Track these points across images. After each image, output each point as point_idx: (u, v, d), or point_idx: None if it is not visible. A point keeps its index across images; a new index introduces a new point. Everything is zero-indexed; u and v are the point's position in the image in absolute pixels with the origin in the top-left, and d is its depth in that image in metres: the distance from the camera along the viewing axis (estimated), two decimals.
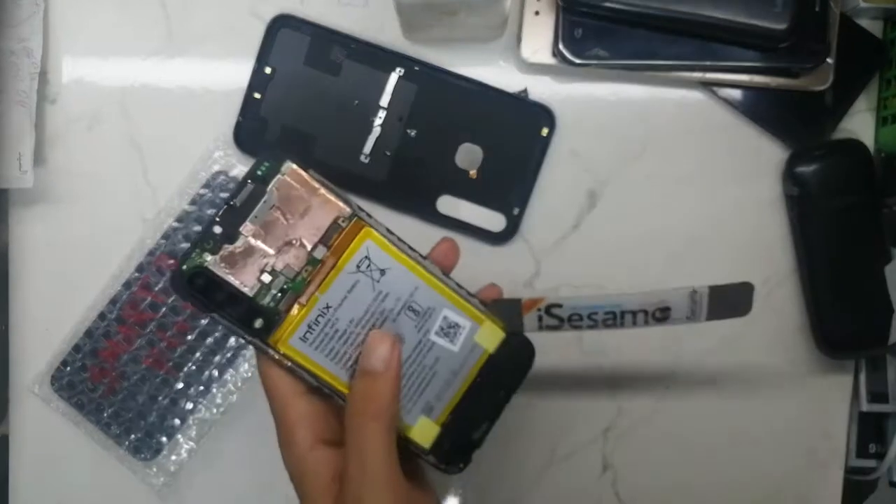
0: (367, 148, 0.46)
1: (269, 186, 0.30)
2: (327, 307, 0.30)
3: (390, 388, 0.30)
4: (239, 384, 0.48)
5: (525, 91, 0.47)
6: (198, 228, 0.47)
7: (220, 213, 0.30)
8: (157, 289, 0.47)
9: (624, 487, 0.49)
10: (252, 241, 0.30)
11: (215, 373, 0.47)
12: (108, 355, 0.47)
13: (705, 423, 0.49)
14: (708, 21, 0.42)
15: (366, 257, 0.31)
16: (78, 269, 0.48)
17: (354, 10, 0.47)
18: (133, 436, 0.47)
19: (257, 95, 0.46)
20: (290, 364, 0.30)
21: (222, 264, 0.30)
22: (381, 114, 0.46)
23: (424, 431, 0.32)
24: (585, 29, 0.44)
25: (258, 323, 0.30)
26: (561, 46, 0.44)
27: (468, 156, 0.46)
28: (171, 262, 0.47)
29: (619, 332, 0.47)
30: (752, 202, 0.48)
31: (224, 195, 0.30)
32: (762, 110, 0.47)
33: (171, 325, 0.47)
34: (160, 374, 0.47)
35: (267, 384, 0.31)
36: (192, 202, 0.47)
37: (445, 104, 0.46)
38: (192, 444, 0.48)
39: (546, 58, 0.45)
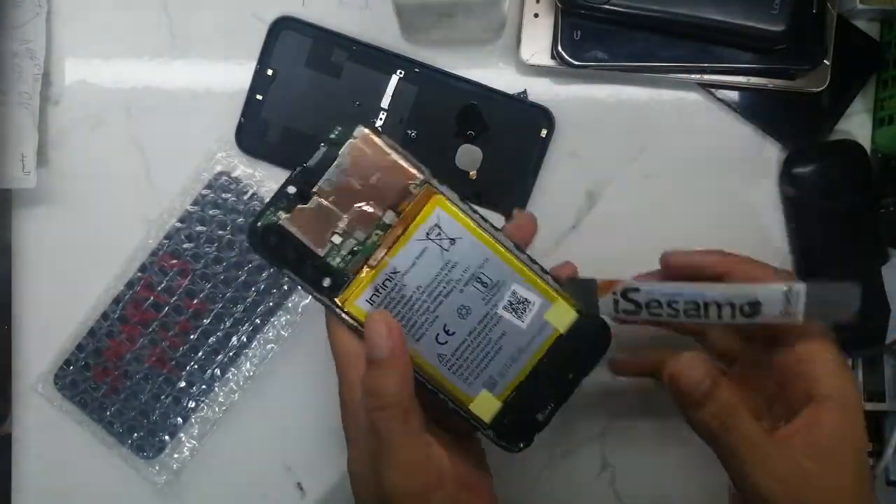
0: None
1: (342, 150, 0.30)
2: (395, 272, 0.31)
3: (398, 376, 0.29)
4: (241, 383, 0.48)
5: (524, 92, 0.47)
6: (200, 229, 0.47)
7: (295, 174, 0.30)
8: (159, 288, 0.47)
9: (623, 486, 0.49)
10: (324, 202, 0.30)
11: (218, 372, 0.48)
12: (111, 354, 0.47)
13: None
14: (706, 23, 0.42)
15: (436, 225, 0.31)
16: (81, 269, 0.48)
17: (355, 13, 0.47)
18: (136, 434, 0.48)
19: (259, 97, 0.47)
20: (355, 324, 0.31)
21: (295, 223, 0.30)
22: (382, 115, 0.47)
23: (485, 405, 0.31)
24: (584, 31, 0.44)
25: (326, 282, 0.31)
26: (560, 48, 0.44)
27: (468, 157, 0.47)
28: (175, 261, 0.47)
29: (619, 331, 0.48)
30: (749, 203, 0.48)
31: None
32: (759, 111, 0.47)
33: (174, 325, 0.47)
34: (163, 373, 0.48)
35: (333, 342, 0.32)
36: (195, 202, 0.47)
37: (445, 105, 0.47)
38: (195, 442, 0.48)
39: (545, 60, 0.46)
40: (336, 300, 0.31)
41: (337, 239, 0.30)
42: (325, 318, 0.32)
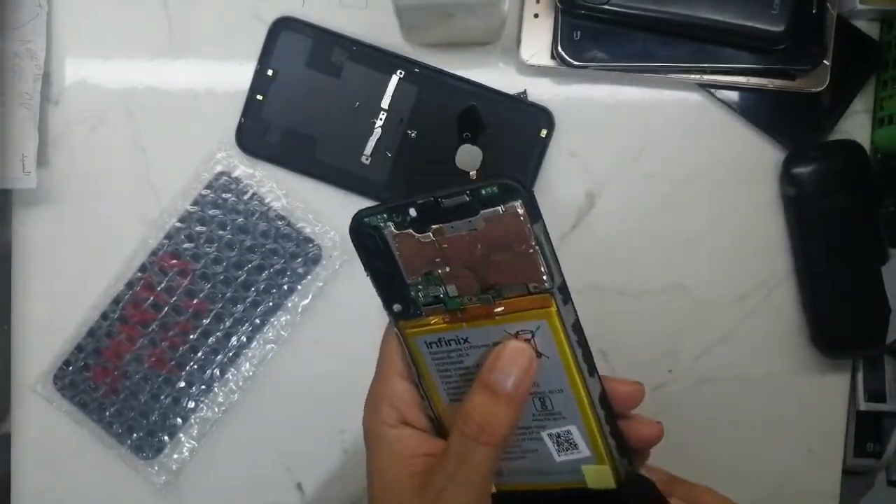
0: (368, 149, 0.47)
1: (482, 213, 0.27)
2: (465, 340, 0.29)
3: (514, 413, 0.28)
4: (241, 383, 0.48)
5: (524, 93, 0.47)
6: (200, 229, 0.47)
7: (425, 201, 0.27)
8: (159, 288, 0.47)
9: None
10: (436, 243, 0.28)
11: (217, 372, 0.48)
12: (111, 355, 0.47)
13: (703, 422, 0.49)
14: (705, 23, 0.42)
15: (531, 332, 0.28)
16: (81, 269, 0.48)
17: (355, 13, 0.47)
18: (135, 435, 0.48)
19: (259, 97, 0.47)
20: (408, 355, 0.30)
21: (398, 242, 0.28)
22: (382, 115, 0.47)
23: None
24: (584, 31, 0.44)
25: (397, 307, 0.29)
26: (560, 49, 0.44)
27: (468, 157, 0.47)
28: (175, 262, 0.47)
29: (615, 331, 0.48)
30: (749, 203, 0.48)
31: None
32: (759, 111, 0.47)
33: (174, 325, 0.47)
34: (162, 374, 0.48)
35: (383, 349, 0.31)
36: (195, 203, 0.47)
37: (445, 106, 0.47)
38: (194, 443, 0.48)
39: (545, 60, 0.46)
40: (399, 323, 0.29)
41: (429, 279, 0.28)
42: (387, 326, 0.31)
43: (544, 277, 0.27)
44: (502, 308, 0.28)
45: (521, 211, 0.26)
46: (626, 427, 0.30)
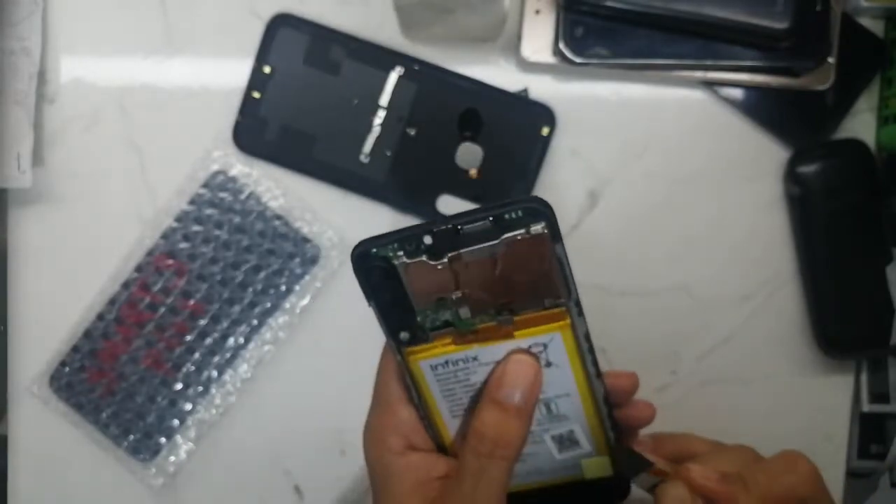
0: (367, 147, 0.46)
1: (504, 237, 0.26)
2: (475, 358, 0.28)
3: (524, 426, 0.28)
4: (238, 385, 0.48)
5: (525, 90, 0.47)
6: (196, 228, 0.47)
7: (442, 229, 0.26)
8: (155, 289, 0.47)
9: None
10: (452, 270, 0.26)
11: (214, 373, 0.47)
12: (107, 356, 0.47)
13: (706, 423, 0.48)
14: (709, 20, 0.42)
15: (544, 344, 0.28)
16: (76, 268, 0.48)
17: (354, 9, 0.47)
18: (132, 436, 0.47)
19: (256, 95, 0.46)
20: (407, 377, 0.29)
21: (410, 272, 0.26)
22: (381, 113, 0.46)
23: None
24: (586, 28, 0.44)
25: (404, 336, 0.28)
26: (561, 45, 0.44)
27: (468, 155, 0.46)
28: (171, 262, 0.47)
29: (618, 331, 0.48)
30: (753, 202, 0.47)
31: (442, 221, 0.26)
32: (763, 110, 0.46)
33: (170, 326, 0.47)
34: (159, 375, 0.47)
35: (379, 377, 0.30)
36: (191, 202, 0.47)
37: (445, 103, 0.46)
38: (191, 444, 0.48)
39: (546, 57, 0.45)
40: (403, 349, 0.28)
41: (441, 305, 0.27)
42: (383, 349, 0.30)
43: (562, 292, 0.27)
44: (517, 325, 0.27)
45: (544, 233, 0.26)
46: (621, 414, 0.31)
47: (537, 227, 0.26)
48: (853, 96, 0.46)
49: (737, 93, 0.46)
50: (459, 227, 0.26)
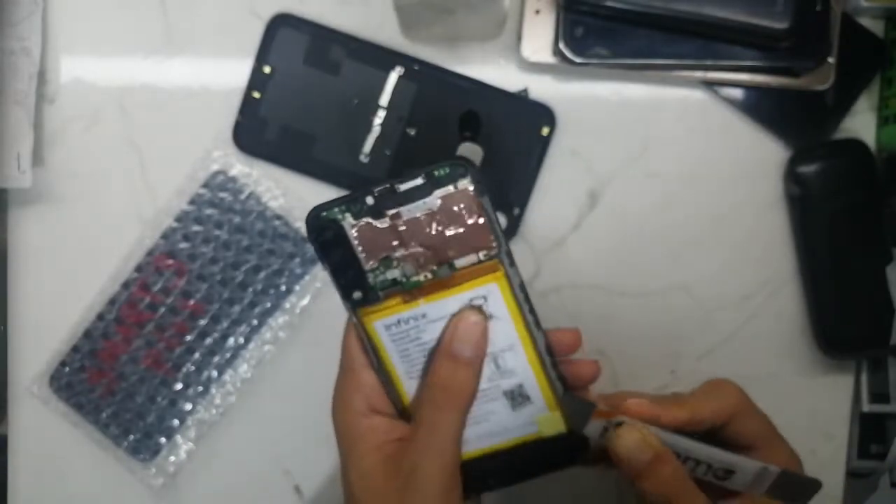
0: (367, 147, 0.46)
1: (437, 192, 0.29)
2: (423, 315, 0.31)
3: (475, 377, 0.30)
4: (238, 385, 0.47)
5: (525, 90, 0.47)
6: (196, 228, 0.47)
7: (381, 189, 0.29)
8: (155, 289, 0.47)
9: (626, 485, 0.48)
10: (393, 227, 0.30)
11: (214, 373, 0.47)
12: (107, 356, 0.47)
13: None
14: (709, 20, 0.42)
15: (483, 297, 0.30)
16: (76, 269, 0.48)
17: (354, 9, 0.47)
18: (132, 436, 0.47)
19: (256, 95, 0.46)
20: (365, 339, 0.31)
21: (356, 232, 0.30)
22: (381, 113, 0.46)
23: None
24: (586, 28, 0.44)
25: (357, 294, 0.30)
26: (561, 45, 0.44)
27: (468, 155, 0.46)
28: (171, 262, 0.47)
29: (618, 331, 0.48)
30: (753, 202, 0.47)
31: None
32: (763, 110, 0.46)
33: (170, 326, 0.47)
34: (159, 375, 0.47)
35: (344, 345, 0.32)
36: (191, 202, 0.47)
37: (445, 103, 0.46)
38: (191, 444, 0.48)
39: (546, 57, 0.45)
40: (358, 312, 0.31)
41: (387, 263, 0.30)
42: (347, 320, 0.32)
43: (493, 244, 0.30)
44: (456, 279, 0.30)
45: (470, 187, 0.29)
46: (567, 369, 0.32)
47: (464, 182, 0.29)
48: (853, 96, 0.46)
49: (737, 93, 0.46)
50: (397, 186, 0.29)
